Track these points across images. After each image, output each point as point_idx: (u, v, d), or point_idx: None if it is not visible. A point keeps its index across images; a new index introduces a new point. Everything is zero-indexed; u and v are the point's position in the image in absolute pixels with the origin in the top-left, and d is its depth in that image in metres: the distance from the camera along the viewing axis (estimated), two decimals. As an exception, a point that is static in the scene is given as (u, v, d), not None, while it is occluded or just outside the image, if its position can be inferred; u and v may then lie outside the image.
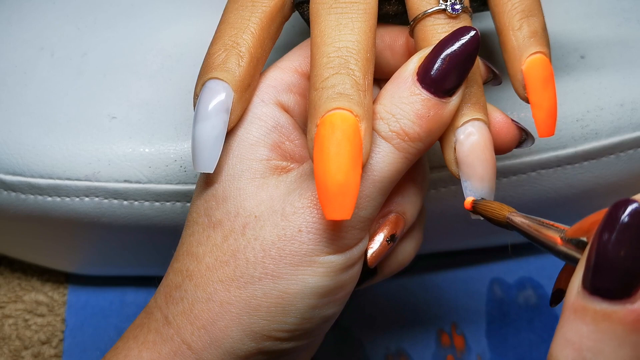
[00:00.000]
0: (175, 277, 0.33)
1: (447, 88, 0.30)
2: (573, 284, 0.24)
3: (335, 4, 0.30)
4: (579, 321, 0.24)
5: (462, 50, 0.30)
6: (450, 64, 0.30)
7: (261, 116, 0.33)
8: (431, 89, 0.30)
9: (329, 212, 0.28)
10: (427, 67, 0.30)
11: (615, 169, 0.45)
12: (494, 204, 0.31)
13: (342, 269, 0.31)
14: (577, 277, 0.24)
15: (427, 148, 0.31)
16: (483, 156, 0.31)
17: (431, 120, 0.30)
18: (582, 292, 0.24)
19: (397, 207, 0.34)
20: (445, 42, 0.30)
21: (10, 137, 0.41)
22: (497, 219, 0.30)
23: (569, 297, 0.24)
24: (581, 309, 0.24)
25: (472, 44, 0.30)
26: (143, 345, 0.32)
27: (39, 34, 0.45)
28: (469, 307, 0.51)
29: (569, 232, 0.27)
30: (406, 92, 0.31)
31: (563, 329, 0.24)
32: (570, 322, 0.24)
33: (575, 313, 0.24)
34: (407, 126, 0.30)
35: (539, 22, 0.33)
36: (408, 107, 0.30)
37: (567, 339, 0.24)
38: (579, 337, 0.24)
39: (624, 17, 0.46)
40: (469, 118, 0.31)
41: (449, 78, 0.30)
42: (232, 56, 0.32)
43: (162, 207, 0.42)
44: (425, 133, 0.31)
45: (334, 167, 0.28)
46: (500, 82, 0.35)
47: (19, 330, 0.50)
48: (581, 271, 0.24)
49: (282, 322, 0.31)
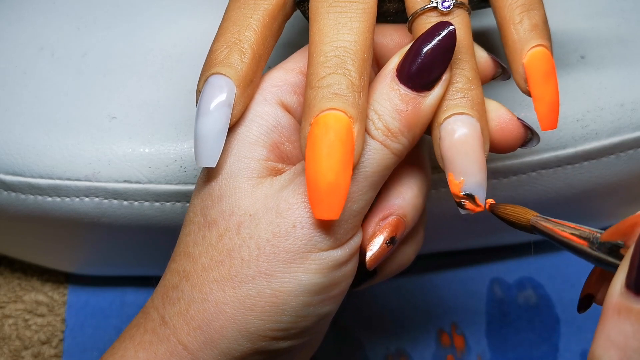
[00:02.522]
0: (172, 277, 0.33)
1: (424, 82, 0.31)
2: (615, 285, 0.24)
3: (335, 3, 0.31)
4: (624, 322, 0.24)
5: (438, 45, 0.30)
6: (427, 58, 0.30)
7: (263, 115, 0.33)
8: (408, 83, 0.31)
9: (318, 212, 0.29)
10: (405, 63, 0.31)
11: (615, 169, 0.45)
12: (515, 208, 0.31)
13: (335, 266, 0.31)
14: (620, 278, 0.24)
15: (412, 143, 0.32)
16: (464, 151, 0.31)
17: (410, 115, 0.31)
18: (625, 292, 0.24)
19: (397, 210, 0.34)
20: (422, 38, 0.31)
21: (10, 137, 0.41)
22: (520, 222, 0.31)
23: (611, 297, 0.24)
24: (625, 309, 0.24)
25: (448, 38, 0.30)
26: (139, 345, 0.32)
27: (38, 34, 0.45)
28: (469, 307, 0.51)
29: (604, 235, 0.27)
30: (386, 89, 0.31)
31: (606, 329, 0.24)
32: (614, 322, 0.24)
33: (619, 314, 0.24)
34: (388, 122, 0.31)
35: (539, 15, 0.33)
36: (388, 102, 0.31)
37: (611, 339, 0.24)
38: (624, 338, 0.24)
39: (624, 17, 0.46)
40: (452, 113, 0.31)
41: (425, 72, 0.31)
42: (234, 52, 0.32)
43: (162, 207, 0.42)
44: (405, 128, 0.31)
45: (325, 167, 0.29)
46: (508, 77, 0.35)
47: (19, 330, 0.50)
48: (624, 272, 0.24)
49: (277, 321, 0.31)
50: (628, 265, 0.24)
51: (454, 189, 0.32)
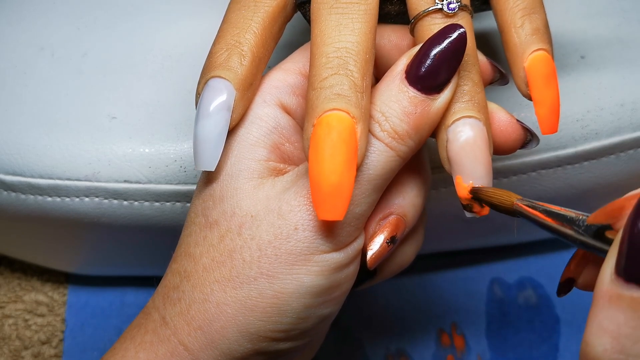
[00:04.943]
0: (173, 278, 0.33)
1: (434, 85, 0.31)
2: (605, 272, 0.24)
3: (336, 4, 0.31)
4: (615, 309, 0.24)
5: (449, 47, 0.30)
6: (437, 61, 0.30)
7: (262, 116, 0.33)
8: (418, 86, 0.31)
9: (322, 213, 0.29)
10: (414, 65, 0.31)
11: (615, 169, 0.45)
12: (498, 191, 0.30)
13: (337, 268, 0.31)
14: (609, 265, 0.24)
15: (418, 146, 0.32)
16: (472, 154, 0.31)
17: (418, 117, 0.31)
18: (616, 279, 0.24)
19: (398, 209, 0.34)
20: (432, 39, 0.31)
21: (10, 137, 0.41)
22: (503, 205, 0.30)
23: (601, 285, 0.24)
24: (616, 296, 0.23)
25: (459, 41, 0.30)
26: (140, 345, 0.32)
27: (39, 34, 0.45)
28: (469, 307, 0.51)
29: (591, 218, 0.26)
30: (394, 90, 0.31)
31: (598, 317, 0.24)
32: (605, 310, 0.24)
33: (610, 301, 0.24)
34: (396, 124, 0.31)
35: (540, 19, 0.33)
36: (396, 104, 0.31)
37: (603, 327, 0.24)
38: (616, 325, 0.23)
39: (624, 17, 0.46)
40: (460, 116, 0.31)
41: (435, 75, 0.30)
42: (234, 55, 0.32)
43: (162, 207, 0.42)
44: (413, 130, 0.31)
45: (328, 168, 0.29)
46: (507, 82, 0.35)
47: (19, 330, 0.50)
48: (613, 258, 0.24)
49: (277, 322, 0.31)
50: (617, 251, 0.24)
51: (462, 192, 0.31)
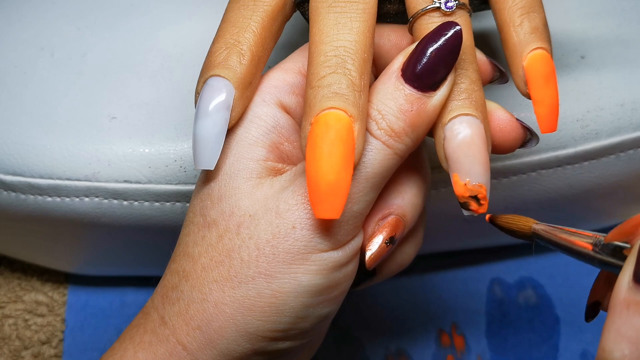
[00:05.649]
0: (172, 277, 0.33)
1: (430, 82, 0.31)
2: (622, 280, 0.25)
3: (335, 3, 0.31)
4: (634, 315, 0.24)
5: (445, 45, 0.30)
6: (433, 58, 0.30)
7: (261, 116, 0.33)
8: (414, 83, 0.31)
9: (319, 211, 0.29)
10: (410, 63, 0.31)
11: (615, 169, 0.45)
12: (514, 217, 0.31)
13: (336, 267, 0.31)
14: (627, 273, 0.25)
15: (415, 144, 0.32)
16: (470, 151, 0.31)
17: (415, 115, 0.31)
18: (634, 286, 0.25)
19: (397, 210, 0.34)
20: (428, 37, 0.31)
21: (10, 137, 0.41)
22: (522, 231, 0.31)
23: (619, 292, 0.25)
24: (635, 303, 0.24)
25: (455, 38, 0.30)
26: (139, 345, 0.32)
27: (39, 34, 0.45)
28: (469, 307, 0.51)
29: (608, 237, 0.28)
30: (391, 88, 0.31)
31: (615, 323, 0.25)
32: (624, 316, 0.25)
33: (628, 308, 0.25)
34: (392, 122, 0.31)
35: (539, 18, 0.33)
36: (392, 102, 0.31)
37: (621, 333, 0.25)
38: (635, 331, 0.24)
39: (624, 17, 0.46)
40: (457, 113, 0.31)
41: (431, 72, 0.30)
42: (233, 54, 0.32)
43: (162, 207, 0.42)
44: (410, 128, 0.31)
45: (325, 166, 0.29)
46: (506, 81, 0.35)
47: (19, 330, 0.50)
48: (631, 267, 0.25)
49: (276, 322, 0.31)
50: (635, 259, 0.25)
51: (459, 190, 0.31)
